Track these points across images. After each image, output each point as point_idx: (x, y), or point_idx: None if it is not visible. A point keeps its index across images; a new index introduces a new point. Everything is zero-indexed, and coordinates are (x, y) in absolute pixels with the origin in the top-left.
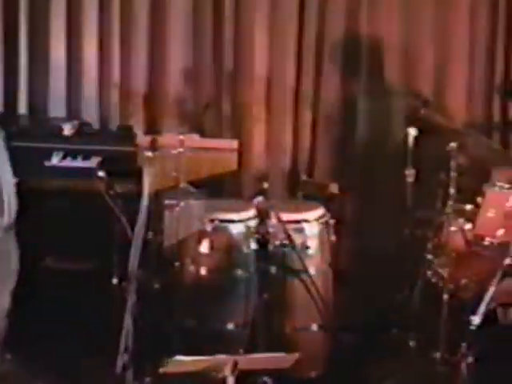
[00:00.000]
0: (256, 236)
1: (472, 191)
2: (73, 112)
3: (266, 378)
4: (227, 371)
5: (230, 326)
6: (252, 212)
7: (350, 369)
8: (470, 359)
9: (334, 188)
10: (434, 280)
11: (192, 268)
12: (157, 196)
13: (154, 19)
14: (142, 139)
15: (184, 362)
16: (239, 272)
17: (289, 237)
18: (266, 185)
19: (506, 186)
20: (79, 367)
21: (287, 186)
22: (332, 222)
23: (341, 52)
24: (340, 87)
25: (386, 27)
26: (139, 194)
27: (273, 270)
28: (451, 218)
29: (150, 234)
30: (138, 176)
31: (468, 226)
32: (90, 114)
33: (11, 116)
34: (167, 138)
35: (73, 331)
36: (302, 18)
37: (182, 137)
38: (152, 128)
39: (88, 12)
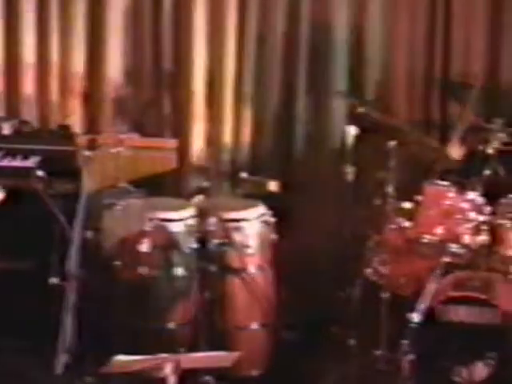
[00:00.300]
0: (196, 235)
1: (412, 189)
2: (12, 111)
3: (207, 377)
4: (169, 370)
5: (171, 325)
6: (192, 211)
7: (291, 367)
8: (410, 357)
9: (274, 186)
10: (374, 278)
11: (132, 267)
12: (96, 195)
13: (93, 18)
14: (82, 138)
15: (125, 361)
16: (179, 271)
17: (228, 235)
18: (206, 183)
19: (445, 183)
20: (19, 368)
21: (227, 184)
22: (272, 220)
23: (282, 50)
24: (281, 85)
25: (327, 25)
26: (79, 194)
27: (213, 268)
28: (391, 215)
29: (90, 234)
30: (77, 175)
31: (407, 224)
32: (30, 113)
33: None
34: (107, 138)
35: (12, 331)
36: (242, 17)
37: (121, 136)
38: (92, 127)
39: (26, 10)
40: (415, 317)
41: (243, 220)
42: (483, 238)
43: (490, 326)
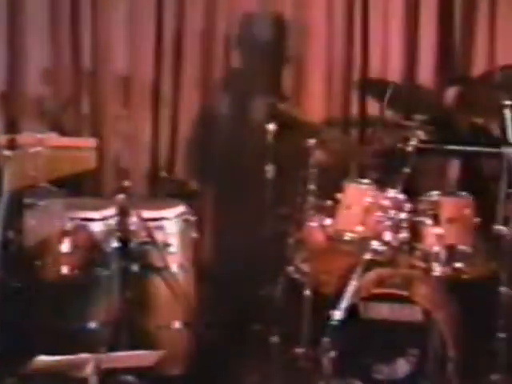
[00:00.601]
0: (117, 234)
1: (333, 187)
2: None
3: (129, 377)
4: (90, 370)
5: (93, 324)
6: (113, 210)
7: (214, 366)
8: (332, 354)
9: (194, 185)
10: (295, 276)
11: (53, 267)
12: (17, 195)
13: (11, 18)
14: (1, 138)
15: (46, 361)
16: (101, 270)
17: (150, 234)
18: (126, 183)
19: (365, 181)
20: None
21: (148, 183)
22: (193, 219)
23: (200, 49)
24: (200, 84)
25: (246, 22)
26: None
27: (134, 267)
28: (311, 213)
29: (11, 234)
30: None
31: (328, 222)
32: None
33: None
34: (26, 137)
35: None
36: (161, 16)
37: (40, 136)
38: (11, 127)
39: None
40: (337, 314)
41: (164, 219)
42: (404, 235)
43: (412, 322)
